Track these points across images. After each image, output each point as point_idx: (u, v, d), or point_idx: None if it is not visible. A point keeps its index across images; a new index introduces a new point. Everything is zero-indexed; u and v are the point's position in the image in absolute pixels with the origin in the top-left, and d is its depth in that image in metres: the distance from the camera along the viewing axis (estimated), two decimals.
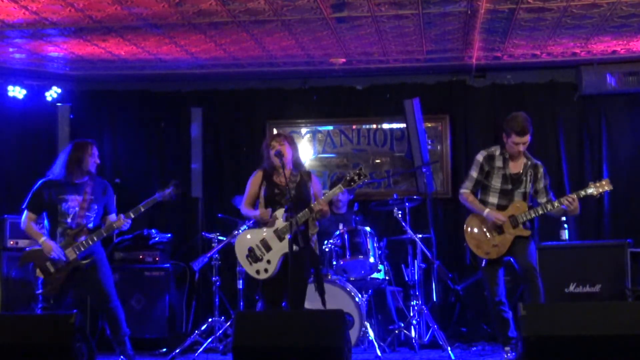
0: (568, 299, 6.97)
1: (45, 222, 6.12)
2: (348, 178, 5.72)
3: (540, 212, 5.90)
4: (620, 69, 7.83)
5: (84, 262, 5.98)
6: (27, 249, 6.18)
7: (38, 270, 5.96)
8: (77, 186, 6.09)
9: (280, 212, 5.84)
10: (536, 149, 6.06)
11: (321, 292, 5.89)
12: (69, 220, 6.01)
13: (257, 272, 5.87)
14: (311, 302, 5.99)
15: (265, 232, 5.86)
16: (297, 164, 6.02)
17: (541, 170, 6.04)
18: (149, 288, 7.56)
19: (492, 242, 5.93)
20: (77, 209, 6.02)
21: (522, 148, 5.89)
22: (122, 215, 6.01)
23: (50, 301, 5.94)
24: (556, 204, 5.87)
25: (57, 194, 6.04)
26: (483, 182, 6.02)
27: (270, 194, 5.88)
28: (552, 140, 8.07)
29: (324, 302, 5.87)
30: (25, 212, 6.11)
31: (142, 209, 6.04)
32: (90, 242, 5.97)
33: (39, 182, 6.15)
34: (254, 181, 5.98)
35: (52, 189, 6.06)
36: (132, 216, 6.01)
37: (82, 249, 5.95)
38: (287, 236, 5.66)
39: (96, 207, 6.10)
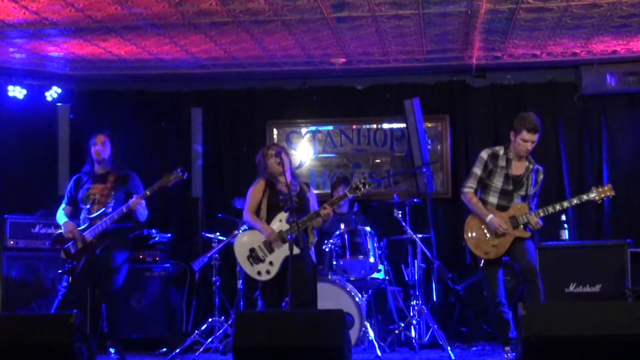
0: (568, 299, 6.97)
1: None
2: (354, 185, 5.93)
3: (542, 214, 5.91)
4: (620, 69, 7.83)
5: (98, 242, 6.22)
6: (56, 233, 6.48)
7: (62, 252, 6.30)
8: (100, 177, 6.45)
9: (283, 216, 5.89)
10: (536, 149, 6.05)
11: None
12: (88, 206, 6.34)
13: (259, 273, 5.89)
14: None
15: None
16: (294, 175, 6.21)
17: (541, 176, 6.05)
18: (149, 288, 7.55)
19: (491, 242, 5.93)
20: (97, 196, 6.34)
21: (529, 147, 5.89)
22: (134, 196, 6.27)
23: (70, 280, 6.28)
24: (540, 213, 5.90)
25: (82, 184, 6.44)
26: (484, 181, 6.01)
27: (273, 201, 5.93)
28: (552, 140, 8.06)
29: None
30: (62, 205, 6.54)
31: (149, 193, 6.30)
32: (104, 225, 6.21)
33: (72, 177, 6.64)
34: (257, 189, 6.04)
35: (80, 181, 6.49)
36: (140, 200, 6.22)
37: (98, 230, 6.22)
38: (288, 237, 5.69)
39: (114, 194, 6.37)
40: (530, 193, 5.97)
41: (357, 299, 6.80)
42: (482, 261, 5.96)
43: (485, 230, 5.96)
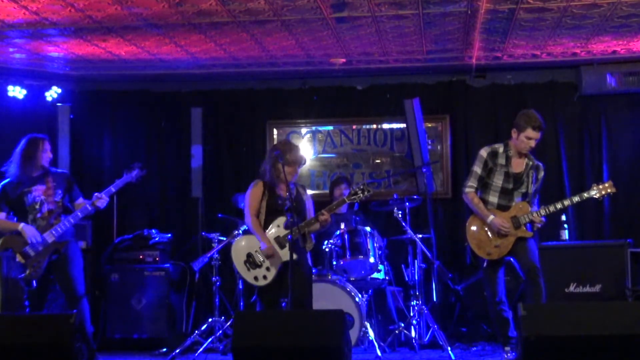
0: (568, 299, 6.97)
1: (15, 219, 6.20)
2: (352, 192, 5.88)
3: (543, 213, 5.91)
4: (620, 69, 7.83)
5: (62, 243, 6.04)
6: (3, 236, 6.22)
7: (19, 256, 6.03)
8: (37, 178, 6.18)
9: (281, 220, 5.85)
10: (536, 149, 6.05)
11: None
12: (37, 207, 6.10)
13: (256, 278, 5.86)
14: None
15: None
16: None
17: (542, 173, 6.04)
18: (149, 288, 7.56)
19: (494, 243, 5.92)
20: (43, 196, 6.11)
21: (533, 144, 5.89)
22: (95, 194, 6.09)
23: (33, 284, 6.00)
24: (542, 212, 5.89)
25: (20, 190, 6.13)
26: (484, 180, 6.00)
27: (272, 204, 5.90)
28: (552, 140, 8.06)
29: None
30: None
31: (113, 190, 6.17)
32: (67, 224, 6.04)
33: (0, 184, 6.22)
34: (256, 192, 5.97)
35: (14, 187, 6.16)
36: (104, 196, 6.08)
37: (60, 230, 6.02)
38: (287, 237, 5.68)
39: (60, 192, 6.17)
40: (531, 191, 5.96)
41: (357, 299, 6.80)
42: (485, 262, 5.95)
43: (488, 231, 5.94)
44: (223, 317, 7.19)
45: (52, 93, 8.33)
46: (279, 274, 5.81)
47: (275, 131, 8.59)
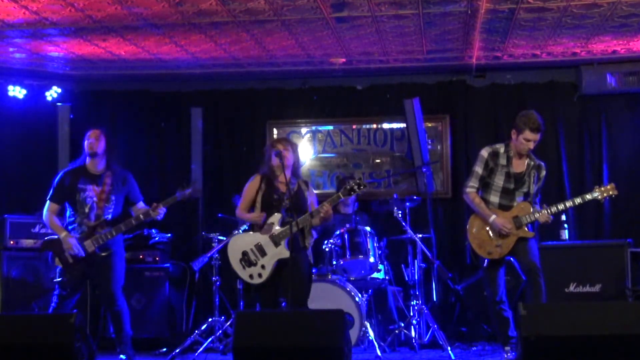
0: (568, 299, 6.97)
1: (67, 212, 6.18)
2: (348, 187, 5.79)
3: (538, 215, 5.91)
4: (620, 69, 7.83)
5: (102, 254, 6.03)
6: (47, 238, 6.21)
7: (57, 260, 6.04)
8: (96, 177, 6.16)
9: (276, 218, 5.83)
10: (536, 149, 6.05)
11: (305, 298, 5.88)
12: (86, 210, 6.07)
13: (251, 276, 5.85)
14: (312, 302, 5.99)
15: (261, 237, 5.85)
16: (295, 173, 6.03)
17: (543, 172, 6.03)
18: (149, 288, 7.56)
19: (495, 243, 5.91)
20: (95, 199, 6.09)
21: (532, 146, 5.88)
22: (159, 207, 6.08)
23: (67, 289, 6.02)
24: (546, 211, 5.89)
25: (76, 183, 6.12)
26: (485, 180, 6.00)
27: (267, 198, 5.87)
28: (552, 140, 8.06)
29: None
30: (48, 203, 6.19)
31: (171, 202, 6.16)
32: (109, 236, 6.03)
33: (60, 172, 6.27)
34: (252, 186, 5.96)
35: (72, 177, 6.15)
36: (162, 206, 6.10)
37: (101, 242, 6.02)
38: (284, 241, 5.67)
39: (114, 198, 6.14)
40: (533, 191, 5.96)
41: (357, 299, 6.80)
42: (486, 261, 5.95)
43: (489, 231, 5.94)
44: (223, 317, 7.19)
45: (52, 93, 8.33)
46: (275, 272, 5.80)
47: (275, 131, 8.59)
